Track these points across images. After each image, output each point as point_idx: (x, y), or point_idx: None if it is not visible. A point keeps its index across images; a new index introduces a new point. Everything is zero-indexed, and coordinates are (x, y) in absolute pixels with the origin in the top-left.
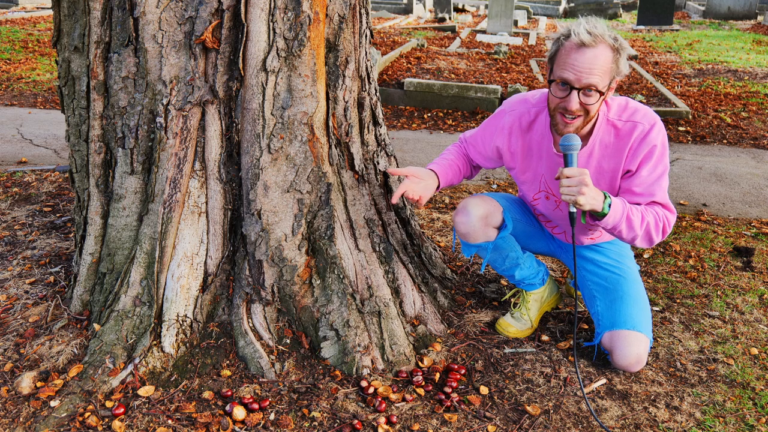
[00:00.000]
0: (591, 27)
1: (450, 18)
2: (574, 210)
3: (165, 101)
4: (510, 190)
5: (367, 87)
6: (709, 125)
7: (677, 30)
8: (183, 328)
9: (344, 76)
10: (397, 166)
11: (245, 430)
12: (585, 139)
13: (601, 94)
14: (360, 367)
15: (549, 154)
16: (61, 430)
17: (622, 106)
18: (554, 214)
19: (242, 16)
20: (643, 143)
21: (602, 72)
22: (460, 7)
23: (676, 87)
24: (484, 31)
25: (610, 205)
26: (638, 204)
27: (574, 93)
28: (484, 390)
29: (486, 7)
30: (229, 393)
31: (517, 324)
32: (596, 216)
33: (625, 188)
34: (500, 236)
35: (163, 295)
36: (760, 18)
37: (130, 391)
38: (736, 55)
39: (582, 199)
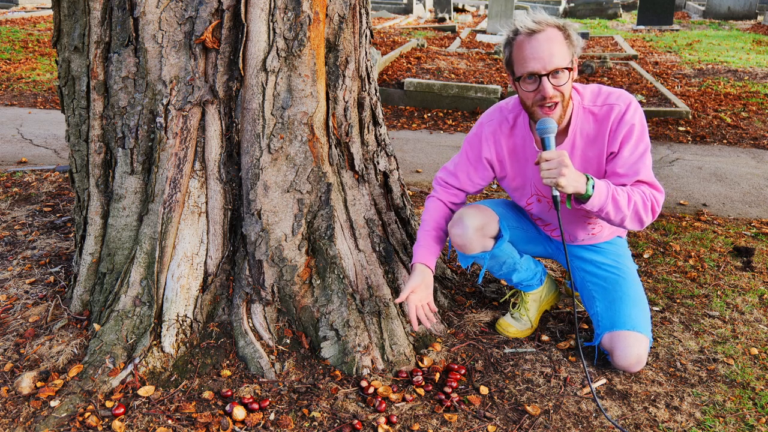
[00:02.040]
0: (533, 16)
1: (450, 18)
2: (557, 194)
3: (165, 101)
4: None
5: (367, 87)
6: (709, 125)
7: (677, 30)
8: (183, 328)
9: (344, 76)
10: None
11: (245, 430)
12: (564, 131)
13: (569, 70)
14: (360, 367)
15: (533, 154)
16: (61, 430)
17: (595, 92)
18: (549, 215)
19: (242, 16)
20: (622, 123)
21: (561, 51)
22: (460, 7)
23: (676, 87)
24: (484, 31)
25: (593, 187)
26: (624, 185)
27: (545, 80)
28: (484, 390)
29: (486, 7)
30: (229, 393)
31: (516, 324)
32: (581, 199)
33: (610, 171)
34: (497, 246)
35: (163, 295)
36: (760, 18)
37: (130, 391)
38: (736, 55)
39: (563, 180)
